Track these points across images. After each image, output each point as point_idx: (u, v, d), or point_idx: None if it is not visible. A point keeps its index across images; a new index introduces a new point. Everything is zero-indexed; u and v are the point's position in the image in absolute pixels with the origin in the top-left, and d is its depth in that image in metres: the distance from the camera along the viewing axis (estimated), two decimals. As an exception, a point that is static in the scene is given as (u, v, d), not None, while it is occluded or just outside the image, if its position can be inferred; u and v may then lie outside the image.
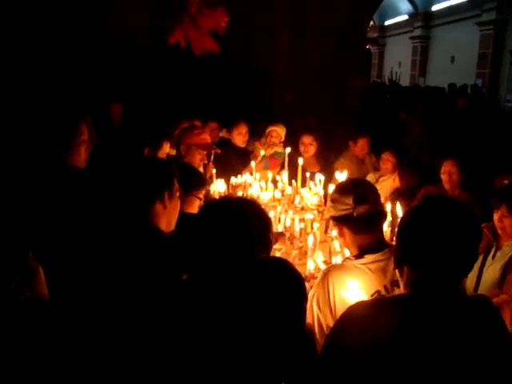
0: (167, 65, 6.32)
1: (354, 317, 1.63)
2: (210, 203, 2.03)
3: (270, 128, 5.54)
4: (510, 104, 13.24)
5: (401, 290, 1.73)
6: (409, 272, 1.66)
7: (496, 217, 3.26)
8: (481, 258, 3.27)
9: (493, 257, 3.32)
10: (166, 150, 3.61)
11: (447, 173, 4.47)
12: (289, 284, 1.58)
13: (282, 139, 5.57)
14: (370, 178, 5.49)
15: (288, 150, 4.87)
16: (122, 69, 6.84)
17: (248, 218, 1.82)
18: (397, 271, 1.74)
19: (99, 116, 5.44)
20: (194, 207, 3.06)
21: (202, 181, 3.27)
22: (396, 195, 4.85)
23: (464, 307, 1.62)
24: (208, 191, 4.20)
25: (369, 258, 2.29)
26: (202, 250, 1.79)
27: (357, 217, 2.28)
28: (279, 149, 5.46)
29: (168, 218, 2.31)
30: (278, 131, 5.54)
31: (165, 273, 2.01)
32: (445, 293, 1.60)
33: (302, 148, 5.37)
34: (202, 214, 1.90)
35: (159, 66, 6.87)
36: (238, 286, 1.57)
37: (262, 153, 5.28)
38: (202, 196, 3.16)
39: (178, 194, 2.36)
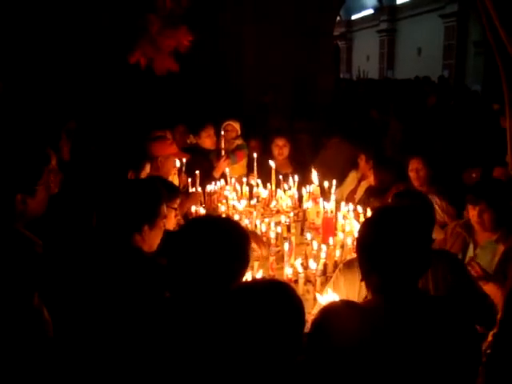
0: (134, 73, 6.27)
1: (332, 316, 1.71)
2: (191, 222, 2.07)
3: (225, 123, 5.66)
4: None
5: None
6: (376, 279, 1.77)
7: (474, 212, 3.26)
8: (459, 256, 3.27)
9: (473, 254, 3.31)
10: (148, 170, 3.63)
11: (414, 170, 4.56)
12: (284, 312, 1.57)
13: (239, 133, 5.72)
14: (353, 176, 5.55)
15: (255, 155, 4.97)
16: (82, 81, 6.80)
17: (228, 236, 1.87)
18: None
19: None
20: (171, 218, 3.11)
21: (175, 191, 3.31)
22: (369, 192, 4.93)
23: (430, 305, 1.76)
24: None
25: None
26: (184, 267, 1.84)
27: None
28: (239, 141, 5.64)
29: (149, 244, 2.37)
30: (233, 124, 5.69)
31: (147, 291, 2.06)
32: (408, 292, 1.75)
33: (276, 150, 5.44)
34: (183, 232, 1.94)
35: (124, 74, 6.83)
36: (228, 308, 1.59)
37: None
38: (176, 206, 3.21)
39: (163, 222, 2.41)
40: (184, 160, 4.46)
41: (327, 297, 2.32)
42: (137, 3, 5.18)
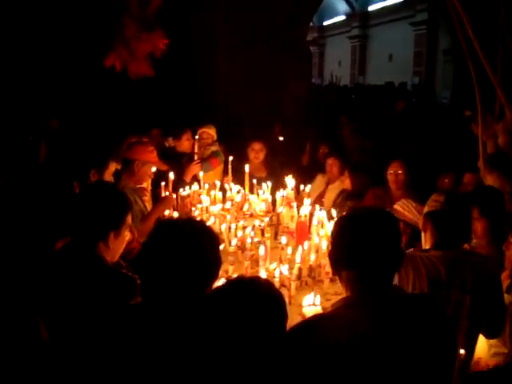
0: (107, 76, 6.20)
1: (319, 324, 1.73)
2: (158, 226, 2.04)
3: (200, 130, 5.62)
4: (445, 100, 13.71)
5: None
6: (348, 275, 1.82)
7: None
8: None
9: None
10: (112, 169, 3.54)
11: (394, 173, 4.63)
12: (264, 305, 1.60)
13: (215, 138, 5.69)
14: (320, 179, 5.59)
15: (230, 158, 4.95)
16: (58, 83, 6.72)
17: (198, 237, 1.85)
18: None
19: (42, 132, 5.37)
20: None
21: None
22: (345, 197, 4.98)
23: (407, 303, 1.80)
24: None
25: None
26: (152, 272, 1.81)
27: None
28: (214, 148, 5.59)
29: (112, 253, 2.33)
30: (208, 131, 5.65)
31: (110, 301, 2.01)
32: (384, 289, 1.79)
33: (252, 154, 5.45)
34: (151, 236, 1.92)
35: (98, 77, 6.77)
36: (206, 308, 1.59)
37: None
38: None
39: (127, 230, 2.38)
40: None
41: (311, 308, 2.38)
42: (112, 6, 5.10)
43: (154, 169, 4.17)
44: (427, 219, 2.77)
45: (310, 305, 2.56)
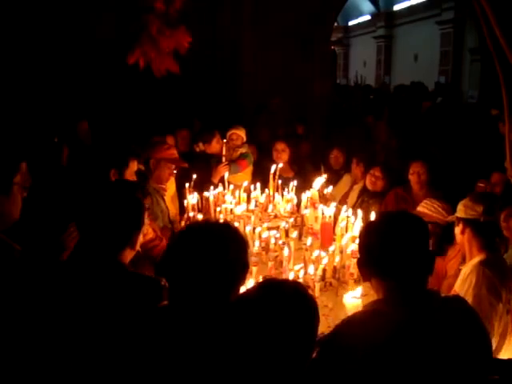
0: (134, 77, 6.28)
1: (355, 322, 1.75)
2: (187, 229, 2.04)
3: (230, 132, 5.64)
4: (472, 100, 13.50)
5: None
6: (378, 282, 1.82)
7: (502, 217, 3.34)
8: None
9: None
10: (134, 168, 3.54)
11: (416, 173, 4.59)
12: (295, 308, 1.59)
13: (244, 140, 5.70)
14: (346, 179, 5.57)
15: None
16: (88, 84, 6.83)
17: (226, 241, 1.85)
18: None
19: (67, 134, 5.45)
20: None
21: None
22: (366, 197, 4.95)
23: (441, 304, 1.80)
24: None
25: None
26: (181, 275, 1.81)
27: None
28: (243, 149, 5.60)
29: (130, 255, 2.29)
30: (238, 133, 5.66)
31: (136, 304, 1.98)
32: (417, 293, 1.77)
33: (275, 154, 5.47)
34: (179, 239, 1.91)
35: (125, 77, 6.84)
36: (235, 311, 1.60)
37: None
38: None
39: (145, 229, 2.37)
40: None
41: (352, 300, 2.52)
42: (136, 4, 5.16)
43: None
44: (468, 226, 2.84)
45: (353, 297, 2.61)
